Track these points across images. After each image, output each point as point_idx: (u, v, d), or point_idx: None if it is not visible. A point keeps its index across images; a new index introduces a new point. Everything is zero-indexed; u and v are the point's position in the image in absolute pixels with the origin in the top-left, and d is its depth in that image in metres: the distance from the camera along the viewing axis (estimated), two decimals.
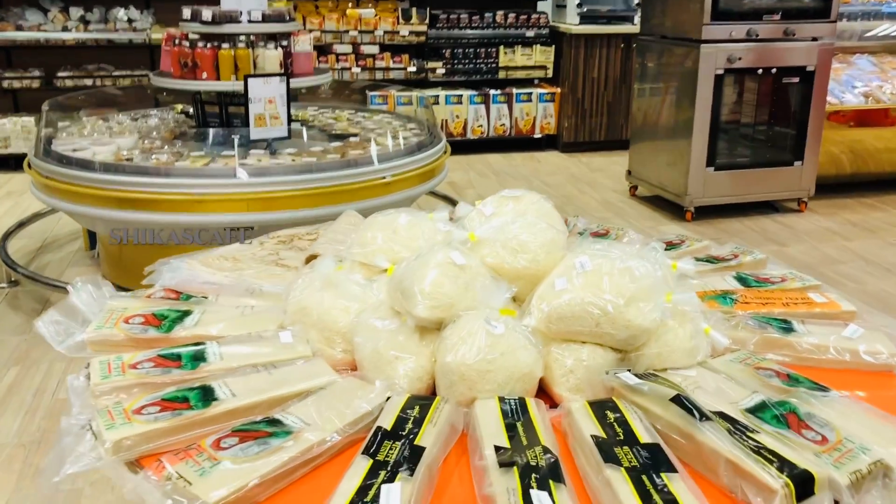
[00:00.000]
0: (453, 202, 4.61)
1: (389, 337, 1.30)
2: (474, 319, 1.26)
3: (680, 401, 1.15)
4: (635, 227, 4.78)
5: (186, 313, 1.50)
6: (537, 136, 6.92)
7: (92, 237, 4.27)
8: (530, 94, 6.76)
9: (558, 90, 6.81)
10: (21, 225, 4.55)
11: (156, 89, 4.26)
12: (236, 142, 3.61)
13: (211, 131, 3.93)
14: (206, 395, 1.23)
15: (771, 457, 1.05)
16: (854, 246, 4.62)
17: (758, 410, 1.19)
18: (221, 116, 4.00)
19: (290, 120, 3.64)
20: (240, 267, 1.78)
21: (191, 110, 4.28)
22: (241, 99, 3.60)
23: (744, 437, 1.09)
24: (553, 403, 1.30)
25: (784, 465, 1.03)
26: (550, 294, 1.30)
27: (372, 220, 1.62)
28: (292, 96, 3.67)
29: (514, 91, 6.74)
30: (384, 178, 3.53)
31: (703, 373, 1.31)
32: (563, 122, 6.84)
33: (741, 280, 1.72)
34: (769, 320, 1.49)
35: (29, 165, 3.64)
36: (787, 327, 1.47)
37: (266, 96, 3.50)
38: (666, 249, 1.94)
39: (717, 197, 5.05)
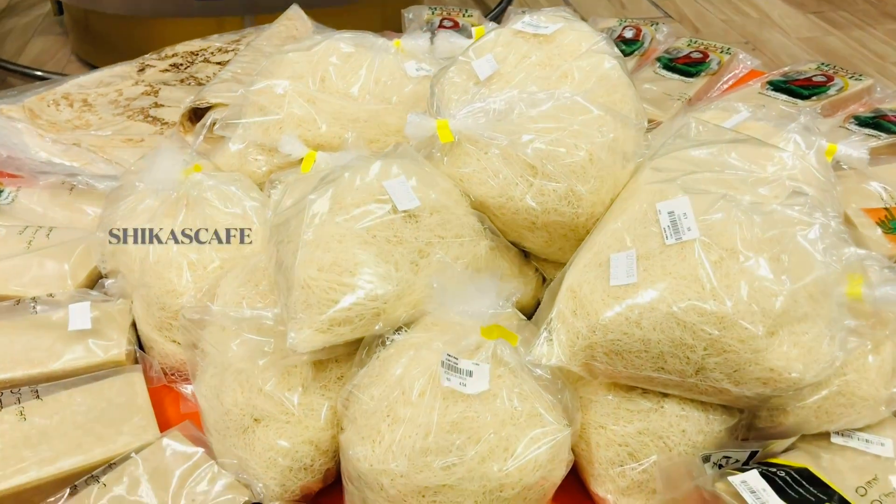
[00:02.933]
0: None
1: (247, 370, 0.62)
2: (421, 351, 0.56)
3: None
4: None
5: None
6: None
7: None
8: None
9: None
10: None
11: None
12: None
13: None
14: None
15: None
16: None
17: None
18: None
19: None
20: (86, 121, 1.07)
21: None
22: None
23: None
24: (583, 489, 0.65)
25: None
26: (597, 292, 0.59)
27: (283, 57, 0.88)
28: None
29: None
30: None
31: None
32: None
33: None
34: None
35: None
36: None
37: None
38: (793, 94, 1.16)
39: None
